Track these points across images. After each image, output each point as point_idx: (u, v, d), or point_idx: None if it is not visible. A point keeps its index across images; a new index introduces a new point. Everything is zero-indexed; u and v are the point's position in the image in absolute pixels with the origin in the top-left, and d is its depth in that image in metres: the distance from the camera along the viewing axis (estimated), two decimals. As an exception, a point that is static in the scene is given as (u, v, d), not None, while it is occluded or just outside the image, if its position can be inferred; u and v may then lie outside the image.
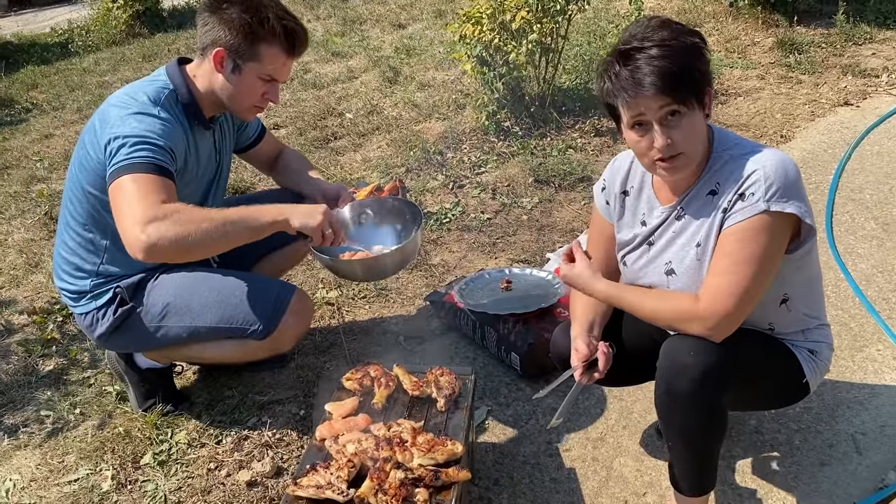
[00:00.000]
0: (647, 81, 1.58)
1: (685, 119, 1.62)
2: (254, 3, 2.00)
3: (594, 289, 1.83)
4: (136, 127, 1.97)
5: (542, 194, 3.67)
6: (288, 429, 2.34)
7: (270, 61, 2.05)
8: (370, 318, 2.90)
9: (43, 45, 7.79)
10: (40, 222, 3.91)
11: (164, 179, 1.94)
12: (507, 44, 4.06)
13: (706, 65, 1.66)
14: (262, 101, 2.14)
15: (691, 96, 1.61)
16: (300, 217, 1.97)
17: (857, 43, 5.08)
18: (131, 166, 1.92)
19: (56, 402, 2.56)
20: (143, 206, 1.87)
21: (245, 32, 1.99)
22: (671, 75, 1.58)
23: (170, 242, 1.85)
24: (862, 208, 3.31)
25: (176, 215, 1.87)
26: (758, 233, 1.61)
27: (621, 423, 2.31)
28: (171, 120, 2.04)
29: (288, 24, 2.03)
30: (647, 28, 1.67)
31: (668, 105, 1.59)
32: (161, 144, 1.97)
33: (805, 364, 1.84)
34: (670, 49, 1.60)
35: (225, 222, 1.91)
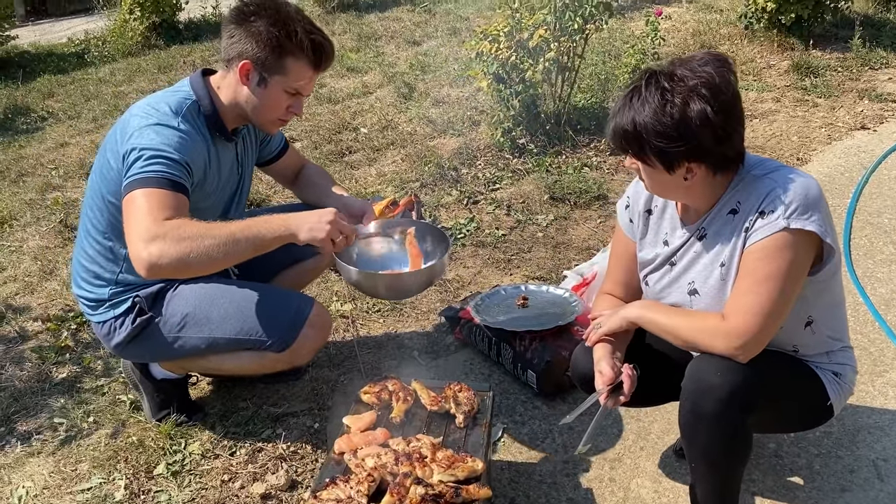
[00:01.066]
0: (611, 128, 1.68)
1: (645, 168, 1.68)
2: (282, 17, 2.01)
3: (626, 316, 1.85)
4: (154, 139, 1.97)
5: (558, 212, 3.66)
6: (302, 442, 2.33)
7: (297, 75, 2.05)
8: (385, 332, 2.89)
9: (59, 55, 7.84)
10: (55, 230, 3.92)
11: (175, 195, 1.93)
12: (524, 61, 4.07)
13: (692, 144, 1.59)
14: (286, 114, 2.13)
15: (649, 160, 1.65)
16: (307, 231, 1.93)
17: (873, 67, 5.08)
18: (144, 180, 1.91)
19: (69, 410, 2.55)
20: (148, 223, 1.86)
21: (273, 46, 1.99)
22: (625, 137, 1.64)
23: (171, 260, 1.84)
24: (880, 232, 3.29)
25: (177, 231, 1.85)
26: (779, 250, 1.60)
27: (639, 444, 2.29)
28: (191, 132, 2.04)
29: (316, 38, 2.03)
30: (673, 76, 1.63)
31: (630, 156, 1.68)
32: (176, 158, 1.96)
33: (829, 386, 1.82)
34: (653, 114, 1.60)
35: (228, 238, 1.88)
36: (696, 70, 1.62)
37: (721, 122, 1.60)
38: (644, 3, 7.03)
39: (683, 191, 1.72)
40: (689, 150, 1.61)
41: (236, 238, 1.89)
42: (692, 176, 1.66)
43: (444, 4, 8.05)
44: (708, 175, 1.68)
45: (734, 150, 1.67)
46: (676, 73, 1.63)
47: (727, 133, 1.63)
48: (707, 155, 1.63)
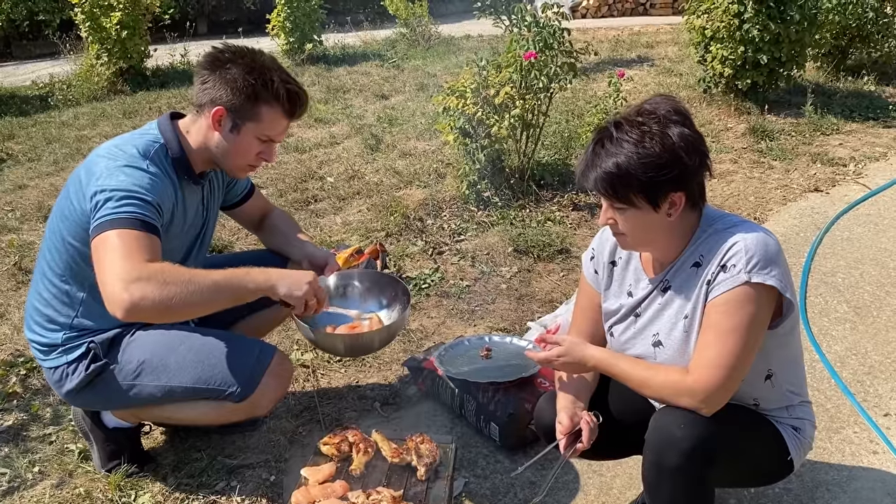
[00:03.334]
0: (591, 176, 1.68)
1: (629, 213, 1.69)
2: (258, 65, 2.02)
3: (587, 354, 1.84)
4: (124, 181, 1.95)
5: (522, 264, 3.69)
6: (258, 495, 2.26)
7: (270, 123, 2.05)
8: (346, 383, 2.85)
9: (22, 98, 7.77)
10: (8, 273, 3.82)
11: (149, 236, 1.91)
12: (490, 117, 4.14)
13: (678, 171, 1.64)
14: (256, 160, 2.13)
15: (635, 200, 1.66)
16: (286, 286, 1.96)
17: (824, 133, 5.28)
18: (117, 221, 1.89)
19: (13, 459, 2.44)
20: (128, 264, 1.83)
21: (248, 93, 2.00)
22: (612, 181, 1.66)
23: (153, 303, 1.82)
24: (834, 291, 3.37)
25: (160, 275, 1.84)
26: (742, 304, 1.63)
27: (600, 500, 2.27)
28: (159, 174, 2.02)
29: (292, 87, 2.04)
30: (639, 113, 1.70)
31: (609, 203, 1.69)
32: (149, 199, 1.94)
33: (789, 441, 1.84)
34: (634, 148, 1.64)
35: (211, 286, 1.89)
36: (657, 103, 1.70)
37: (700, 141, 1.68)
38: (607, 65, 7.25)
39: (666, 231, 1.72)
40: (676, 176, 1.64)
41: (219, 287, 1.90)
42: (675, 210, 1.69)
43: (413, 61, 8.21)
44: (685, 210, 1.71)
45: (705, 179, 1.73)
46: (642, 109, 1.70)
47: (705, 153, 1.69)
48: (690, 180, 1.68)
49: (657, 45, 8.14)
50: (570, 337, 1.93)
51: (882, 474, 2.33)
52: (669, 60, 7.29)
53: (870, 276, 3.48)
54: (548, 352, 1.87)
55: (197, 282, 1.87)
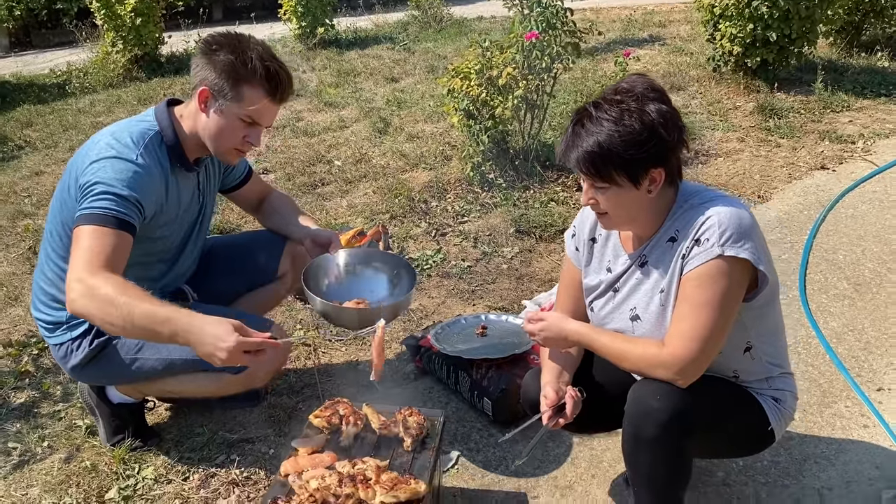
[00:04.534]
0: (572, 156, 1.71)
1: (611, 191, 1.71)
2: (240, 46, 2.06)
3: (567, 329, 1.89)
4: (107, 174, 2.00)
5: (523, 244, 3.72)
6: (256, 467, 2.33)
7: (251, 102, 2.07)
8: (346, 361, 2.91)
9: (40, 86, 7.89)
10: (23, 256, 3.92)
11: (118, 233, 1.97)
12: (494, 99, 4.15)
13: (657, 147, 1.68)
14: (243, 143, 2.15)
15: (617, 178, 1.69)
16: (204, 347, 1.82)
17: (834, 110, 5.23)
18: (91, 216, 1.96)
19: (25, 435, 2.54)
20: (85, 266, 1.91)
21: (228, 72, 2.04)
22: (594, 158, 1.68)
23: (85, 311, 1.91)
24: (835, 268, 3.37)
25: (100, 291, 1.86)
26: (715, 277, 1.66)
27: (590, 472, 2.31)
28: (148, 166, 2.07)
29: (270, 66, 2.07)
30: (616, 92, 1.73)
31: (590, 182, 1.71)
32: (125, 195, 1.99)
33: (770, 412, 1.87)
34: (613, 128, 1.66)
35: (127, 317, 1.85)
36: (634, 82, 1.73)
37: (678, 116, 1.72)
38: (618, 45, 7.21)
39: (646, 208, 1.75)
40: (655, 152, 1.67)
41: (134, 323, 1.85)
42: (655, 186, 1.72)
43: (424, 43, 8.21)
44: (664, 186, 1.73)
45: (682, 155, 1.76)
46: (620, 88, 1.73)
47: (682, 128, 1.73)
48: (669, 155, 1.71)
49: (670, 24, 8.07)
50: (553, 313, 1.98)
51: (871, 447, 2.35)
52: (681, 39, 7.23)
53: (871, 253, 3.47)
54: (532, 325, 1.93)
55: (119, 305, 1.85)
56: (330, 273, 2.36)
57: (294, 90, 2.22)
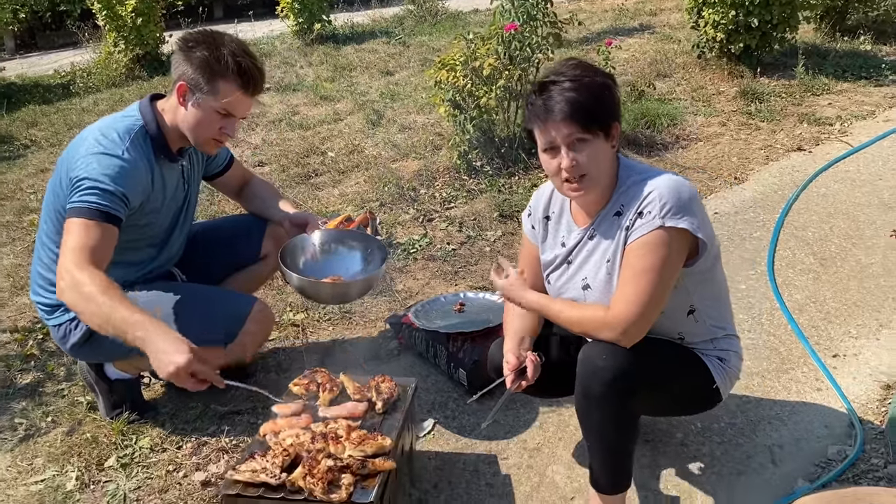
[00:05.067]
0: (556, 108, 1.82)
1: (590, 146, 1.83)
2: (215, 43, 2.22)
3: (525, 298, 2.04)
4: (95, 169, 2.16)
5: (506, 228, 3.87)
6: (245, 436, 2.49)
7: (225, 95, 2.22)
8: (333, 339, 3.07)
9: (45, 86, 8.08)
10: (29, 249, 4.09)
11: (104, 226, 2.12)
12: (479, 89, 4.30)
13: (614, 102, 1.89)
14: (220, 134, 2.30)
15: (596, 126, 1.82)
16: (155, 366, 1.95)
17: (815, 94, 5.34)
18: (79, 210, 2.12)
19: (30, 411, 2.71)
20: (73, 259, 2.06)
21: (203, 68, 2.19)
22: (578, 105, 1.81)
23: (70, 303, 2.07)
24: (803, 244, 3.50)
25: (84, 289, 2.02)
26: (655, 246, 1.80)
27: (558, 435, 2.46)
28: (134, 160, 2.22)
29: (243, 61, 2.21)
30: (564, 66, 1.91)
31: (575, 132, 1.81)
32: (111, 190, 2.14)
33: (714, 371, 2.01)
34: (580, 84, 1.84)
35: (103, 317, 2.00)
36: (569, 62, 1.93)
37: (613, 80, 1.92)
38: (608, 34, 7.32)
39: (610, 166, 1.90)
40: (614, 106, 1.88)
41: (108, 321, 2.00)
42: (615, 141, 1.89)
43: (419, 37, 8.35)
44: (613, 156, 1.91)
45: None
46: (561, 66, 1.92)
47: None
48: (619, 112, 1.92)
49: (661, 13, 8.17)
50: (518, 277, 2.11)
51: (822, 408, 2.49)
52: (670, 28, 7.34)
53: (839, 230, 3.60)
54: (498, 278, 2.09)
55: (99, 303, 1.99)
56: (306, 251, 2.52)
57: (265, 83, 2.37)
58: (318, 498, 1.67)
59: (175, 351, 1.91)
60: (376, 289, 3.22)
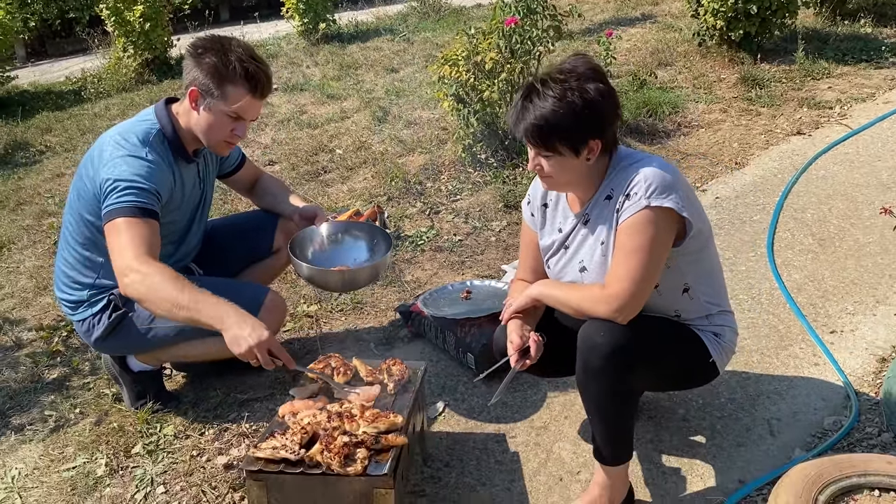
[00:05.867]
0: (521, 126, 1.94)
1: (554, 159, 1.94)
2: (224, 49, 2.32)
3: (529, 295, 2.14)
4: (126, 171, 2.28)
5: (511, 218, 3.96)
6: (264, 421, 2.60)
7: (235, 100, 2.32)
8: (346, 329, 3.18)
9: (57, 93, 8.22)
10: (50, 251, 4.22)
11: (148, 221, 2.25)
12: (482, 83, 4.39)
13: (598, 118, 1.91)
14: (231, 136, 2.41)
15: (562, 146, 1.91)
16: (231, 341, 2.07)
17: (815, 78, 5.40)
18: (121, 210, 2.23)
19: (58, 404, 2.83)
20: (133, 256, 2.17)
21: (212, 73, 2.30)
22: (542, 129, 1.90)
23: (137, 296, 2.17)
24: (802, 226, 3.58)
25: (149, 279, 2.13)
26: (643, 226, 1.89)
27: (563, 414, 2.56)
28: (157, 160, 2.34)
29: (250, 67, 2.31)
30: (562, 69, 1.95)
31: (536, 151, 1.94)
32: (146, 187, 2.27)
33: (710, 345, 2.10)
34: (562, 101, 1.88)
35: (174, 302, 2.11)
36: (575, 63, 1.96)
37: (614, 94, 1.95)
38: (610, 25, 7.39)
39: (584, 174, 1.98)
40: (594, 126, 1.91)
41: (179, 306, 2.11)
42: (593, 155, 1.95)
43: (423, 33, 8.43)
44: (601, 154, 1.97)
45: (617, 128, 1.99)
46: (563, 68, 1.96)
47: (618, 104, 1.97)
48: (605, 128, 1.94)
49: (662, 2, 8.21)
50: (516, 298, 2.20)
51: (819, 383, 2.58)
52: (671, 17, 7.39)
53: (838, 210, 3.67)
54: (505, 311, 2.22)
55: (168, 293, 2.12)
56: (315, 242, 2.64)
57: (273, 85, 2.47)
58: (335, 471, 1.78)
59: (253, 328, 2.06)
60: (383, 276, 3.33)
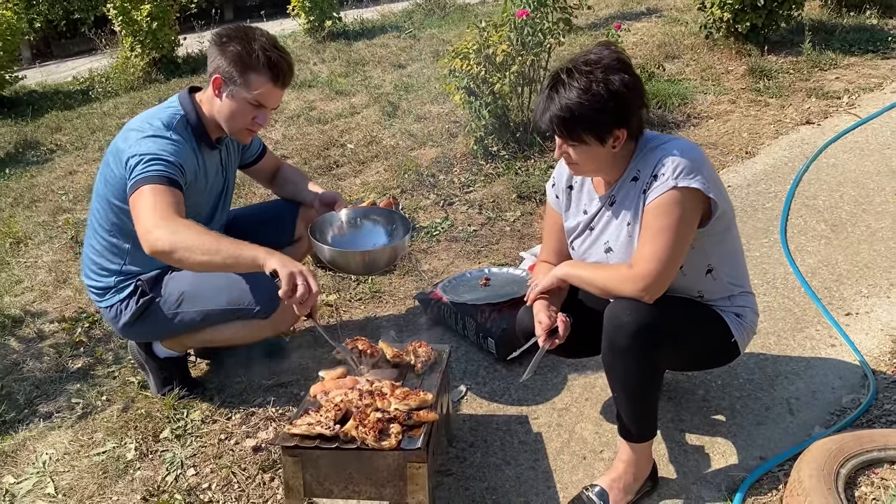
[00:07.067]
0: (546, 116, 1.97)
1: (579, 148, 1.98)
2: (247, 38, 2.36)
3: (555, 275, 2.17)
4: (151, 147, 2.33)
5: (524, 208, 4.00)
6: (290, 405, 2.65)
7: (257, 87, 2.37)
8: (365, 317, 3.22)
9: (65, 93, 8.27)
10: (67, 246, 4.27)
11: (173, 190, 2.29)
12: (493, 76, 4.43)
13: (623, 108, 1.94)
14: (253, 124, 2.45)
15: (587, 136, 1.95)
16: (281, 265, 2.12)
17: (822, 69, 5.44)
18: (148, 178, 2.27)
19: (85, 392, 2.88)
20: (156, 213, 2.21)
21: (236, 62, 2.34)
22: (567, 120, 1.93)
23: (171, 247, 2.16)
24: (814, 212, 3.62)
25: (177, 231, 2.16)
26: (670, 206, 1.93)
27: (584, 396, 2.60)
28: (180, 141, 2.40)
29: (272, 55, 2.36)
30: (588, 59, 1.97)
31: (563, 140, 1.97)
32: (171, 160, 2.32)
33: (732, 325, 2.14)
34: (587, 92, 1.91)
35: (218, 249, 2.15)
36: (601, 54, 1.98)
37: (639, 85, 1.97)
38: (617, 19, 7.43)
39: (610, 160, 2.02)
40: (619, 116, 1.93)
41: (217, 251, 2.15)
42: (618, 143, 1.98)
43: (429, 30, 8.47)
44: (627, 141, 2.01)
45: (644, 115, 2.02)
46: (588, 59, 1.98)
47: (643, 94, 1.99)
48: (630, 118, 1.97)
49: (667, -3, 8.27)
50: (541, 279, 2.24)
51: (836, 363, 2.61)
52: (677, 10, 7.43)
53: (849, 197, 3.71)
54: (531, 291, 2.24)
55: (202, 242, 2.15)
56: (334, 226, 2.68)
57: (294, 75, 2.51)
58: (370, 445, 1.82)
59: (294, 262, 2.13)
60: (402, 259, 3.37)
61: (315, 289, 2.11)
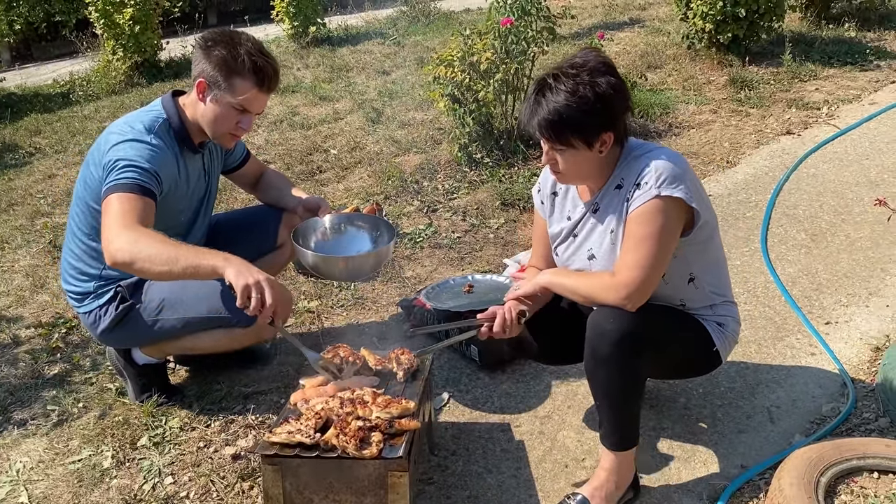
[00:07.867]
0: (535, 120, 1.97)
1: (567, 153, 1.98)
2: (233, 42, 2.35)
3: (537, 283, 2.17)
4: (129, 152, 2.30)
5: (508, 216, 4.00)
6: (270, 413, 2.62)
7: (241, 92, 2.35)
8: (347, 324, 3.20)
9: (45, 96, 8.18)
10: (45, 250, 4.21)
11: (143, 198, 2.25)
12: (477, 83, 4.43)
13: (610, 111, 1.95)
14: (236, 129, 2.43)
15: (575, 139, 1.95)
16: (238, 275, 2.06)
17: (802, 80, 5.50)
18: (119, 186, 2.24)
19: (61, 399, 2.83)
20: (118, 224, 2.17)
21: (221, 66, 2.33)
22: (556, 122, 1.93)
23: (130, 258, 2.13)
24: (794, 222, 3.65)
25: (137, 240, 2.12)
26: (653, 214, 1.93)
27: (567, 404, 2.60)
28: (161, 146, 2.37)
29: (258, 60, 2.35)
30: (574, 63, 1.99)
31: (550, 143, 1.97)
32: (146, 167, 2.28)
33: (714, 334, 2.15)
34: (574, 95, 1.92)
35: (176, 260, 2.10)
36: (586, 57, 2.00)
37: (625, 87, 1.99)
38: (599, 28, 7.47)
39: (596, 165, 2.02)
40: (606, 119, 1.94)
41: (176, 261, 2.11)
42: (605, 147, 1.98)
43: (413, 37, 8.48)
44: (613, 147, 2.01)
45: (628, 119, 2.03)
46: (574, 63, 1.99)
47: (628, 97, 2.01)
48: (617, 121, 1.98)
49: (650, 7, 8.33)
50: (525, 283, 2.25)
51: (816, 371, 2.63)
52: (659, 21, 7.49)
53: (829, 207, 3.75)
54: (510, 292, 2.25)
55: (160, 252, 2.11)
56: (318, 232, 2.66)
57: (280, 80, 2.50)
58: (350, 454, 1.80)
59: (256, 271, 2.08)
60: (387, 266, 3.35)
61: (270, 301, 2.05)
